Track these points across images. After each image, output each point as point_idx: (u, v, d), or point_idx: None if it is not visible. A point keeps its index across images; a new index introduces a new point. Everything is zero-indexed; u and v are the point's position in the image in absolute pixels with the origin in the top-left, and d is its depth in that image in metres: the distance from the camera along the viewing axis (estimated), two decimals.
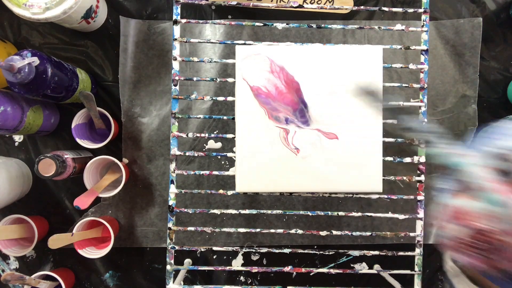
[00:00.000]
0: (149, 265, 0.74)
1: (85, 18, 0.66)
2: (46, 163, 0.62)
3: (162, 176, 0.73)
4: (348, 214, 0.60)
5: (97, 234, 0.70)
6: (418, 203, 0.60)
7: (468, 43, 0.73)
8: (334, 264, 0.74)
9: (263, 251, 0.62)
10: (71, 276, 0.73)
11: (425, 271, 0.74)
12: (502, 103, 0.74)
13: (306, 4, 0.72)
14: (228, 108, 0.73)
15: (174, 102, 0.60)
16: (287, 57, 0.57)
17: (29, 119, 0.65)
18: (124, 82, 0.72)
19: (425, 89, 0.59)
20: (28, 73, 0.56)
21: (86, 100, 0.65)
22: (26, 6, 0.59)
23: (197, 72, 0.74)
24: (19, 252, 0.68)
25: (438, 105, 0.73)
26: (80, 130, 0.70)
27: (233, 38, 0.73)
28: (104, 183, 0.68)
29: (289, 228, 0.61)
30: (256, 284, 0.74)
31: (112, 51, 0.73)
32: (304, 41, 0.73)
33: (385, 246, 0.73)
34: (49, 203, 0.74)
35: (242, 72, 0.57)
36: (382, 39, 0.73)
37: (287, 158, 0.57)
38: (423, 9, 0.60)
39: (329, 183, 0.58)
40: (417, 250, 0.59)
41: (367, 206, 0.73)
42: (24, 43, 0.73)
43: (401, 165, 0.72)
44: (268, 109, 0.57)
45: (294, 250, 0.60)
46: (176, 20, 0.59)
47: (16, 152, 0.74)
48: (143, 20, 0.73)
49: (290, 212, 0.61)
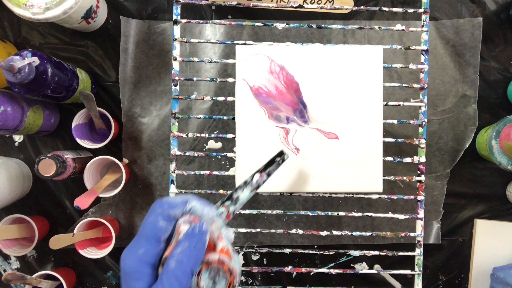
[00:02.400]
0: None
1: (85, 18, 0.66)
2: (46, 163, 0.62)
3: (162, 176, 0.73)
4: (348, 214, 0.60)
5: (98, 234, 0.70)
6: (418, 203, 0.60)
7: (468, 43, 0.73)
8: (334, 264, 0.74)
9: (264, 251, 0.62)
10: (72, 275, 0.73)
11: (425, 271, 0.74)
12: (502, 103, 0.74)
13: (306, 4, 0.72)
14: (228, 108, 0.73)
15: (174, 102, 0.60)
16: (287, 57, 0.57)
17: (29, 119, 0.65)
18: (124, 82, 0.72)
19: (425, 89, 0.59)
20: (28, 73, 0.56)
21: (86, 100, 0.65)
22: (26, 6, 0.59)
23: (197, 72, 0.74)
24: (19, 252, 0.68)
25: (438, 105, 0.73)
26: (80, 130, 0.70)
27: (233, 38, 0.73)
28: (104, 183, 0.68)
29: (289, 228, 0.61)
30: (256, 284, 0.74)
31: (112, 51, 0.73)
32: (304, 41, 0.73)
33: (385, 246, 0.73)
34: (49, 203, 0.74)
35: (242, 72, 0.57)
36: (382, 39, 0.73)
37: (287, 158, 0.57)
38: (423, 9, 0.60)
39: (329, 183, 0.58)
40: (417, 250, 0.59)
41: (367, 206, 0.73)
42: (24, 43, 0.73)
43: (401, 165, 0.73)
44: (268, 109, 0.57)
45: (294, 250, 0.60)
46: (176, 20, 0.60)
47: (16, 152, 0.74)
48: (143, 20, 0.73)
49: (290, 212, 0.61)
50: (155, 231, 0.35)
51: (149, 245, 0.35)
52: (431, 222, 0.74)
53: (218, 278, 0.35)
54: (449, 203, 0.74)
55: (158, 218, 0.35)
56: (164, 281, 0.33)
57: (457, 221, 0.75)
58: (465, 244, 0.75)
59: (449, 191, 0.74)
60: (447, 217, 0.74)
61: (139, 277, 0.34)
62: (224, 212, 0.39)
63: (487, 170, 0.75)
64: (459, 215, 0.75)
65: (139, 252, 0.35)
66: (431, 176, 0.73)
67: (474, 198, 0.75)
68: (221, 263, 0.35)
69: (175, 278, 0.33)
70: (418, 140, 0.59)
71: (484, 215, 0.75)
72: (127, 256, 0.35)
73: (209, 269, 0.35)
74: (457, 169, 0.74)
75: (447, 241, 0.75)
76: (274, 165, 0.46)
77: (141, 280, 0.34)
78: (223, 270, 0.35)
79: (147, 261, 0.34)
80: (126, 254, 0.35)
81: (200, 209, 0.37)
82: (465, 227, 0.75)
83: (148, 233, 0.35)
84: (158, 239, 0.35)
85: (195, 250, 0.34)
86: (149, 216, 0.36)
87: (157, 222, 0.35)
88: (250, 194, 0.42)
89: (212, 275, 0.35)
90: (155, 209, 0.36)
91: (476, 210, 0.75)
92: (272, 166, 0.45)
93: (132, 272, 0.34)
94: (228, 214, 0.40)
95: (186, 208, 0.37)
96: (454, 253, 0.75)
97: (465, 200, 0.75)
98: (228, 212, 0.40)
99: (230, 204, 0.40)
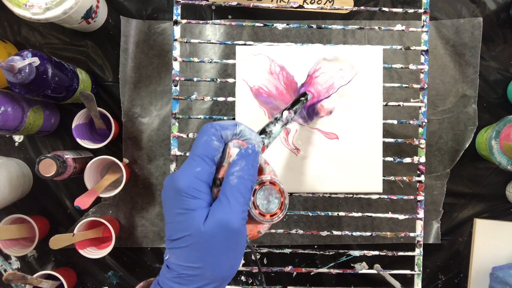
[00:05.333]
0: (150, 265, 0.75)
1: (85, 18, 0.66)
2: (47, 163, 0.62)
3: (162, 176, 0.73)
4: (348, 214, 0.60)
5: (98, 234, 0.70)
6: (418, 203, 0.60)
7: (468, 43, 0.73)
8: (334, 263, 0.74)
9: (264, 251, 0.62)
10: (73, 275, 0.73)
11: (425, 271, 0.74)
12: (502, 103, 0.74)
13: (306, 4, 0.72)
14: (229, 108, 0.73)
15: (174, 102, 0.60)
16: (287, 57, 0.57)
17: (29, 119, 0.65)
18: (125, 82, 0.72)
19: (425, 89, 0.59)
20: (29, 73, 0.56)
21: (87, 100, 0.65)
22: (26, 6, 0.59)
23: (197, 72, 0.74)
24: (20, 252, 0.68)
25: (438, 105, 0.73)
26: (81, 130, 0.70)
27: (233, 38, 0.73)
28: (105, 183, 0.68)
29: (290, 228, 0.61)
30: (256, 284, 0.74)
31: (112, 51, 0.73)
32: (304, 41, 0.73)
33: (385, 246, 0.73)
34: (49, 203, 0.74)
35: (242, 72, 0.57)
36: (382, 39, 0.73)
37: (287, 158, 0.57)
38: (423, 9, 0.60)
39: (329, 183, 0.58)
40: (417, 250, 0.60)
41: (367, 206, 0.73)
42: (24, 43, 0.73)
43: (401, 165, 0.73)
44: (268, 109, 0.57)
45: (294, 250, 0.60)
46: (176, 20, 0.59)
47: (16, 152, 0.74)
48: (143, 20, 0.73)
49: (290, 212, 0.61)
50: (210, 150, 0.35)
51: (204, 164, 0.34)
52: (431, 222, 0.74)
53: (271, 197, 0.36)
54: (449, 203, 0.74)
55: (212, 138, 0.35)
56: (229, 196, 0.33)
57: (456, 221, 0.75)
58: (464, 243, 0.75)
59: (449, 191, 0.74)
60: (446, 217, 0.74)
61: (197, 195, 0.33)
62: (260, 144, 0.40)
63: (487, 170, 0.75)
64: (459, 215, 0.75)
65: (196, 170, 0.34)
66: (431, 176, 0.73)
67: (474, 198, 0.75)
68: (273, 184, 0.37)
69: (240, 193, 0.33)
70: (418, 140, 0.59)
71: (484, 215, 0.75)
72: (183, 175, 0.34)
73: (262, 189, 0.36)
74: (457, 169, 0.74)
75: (447, 241, 0.75)
76: (299, 104, 0.49)
77: (199, 199, 0.33)
78: (275, 189, 0.37)
79: (204, 179, 0.34)
80: (181, 174, 0.34)
81: (249, 133, 0.38)
82: (465, 227, 0.75)
83: (203, 153, 0.35)
84: (212, 159, 0.35)
85: (252, 168, 0.35)
86: (202, 137, 0.36)
87: (211, 141, 0.35)
88: (281, 129, 0.44)
89: (266, 195, 0.36)
90: (208, 130, 0.36)
91: (476, 210, 0.75)
92: (298, 105, 0.49)
93: (189, 191, 0.33)
94: (263, 146, 0.41)
95: (236, 130, 0.37)
96: (454, 253, 0.75)
97: (464, 200, 0.75)
98: (264, 145, 0.41)
99: (264, 137, 0.42)
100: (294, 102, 0.49)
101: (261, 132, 0.42)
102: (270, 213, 0.36)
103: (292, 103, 0.49)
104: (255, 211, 0.35)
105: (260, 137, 0.40)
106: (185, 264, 0.33)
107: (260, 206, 0.36)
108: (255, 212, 0.35)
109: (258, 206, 0.36)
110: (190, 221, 0.33)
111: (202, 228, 0.33)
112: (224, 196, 0.33)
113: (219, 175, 0.35)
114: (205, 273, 0.33)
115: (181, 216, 0.33)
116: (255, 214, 0.35)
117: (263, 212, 0.36)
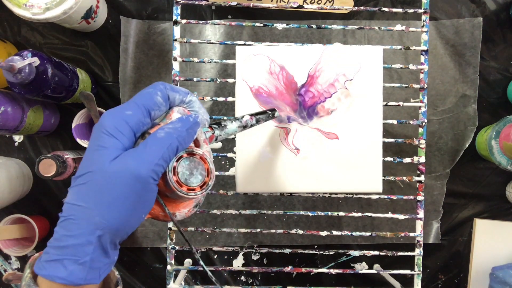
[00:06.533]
0: (149, 265, 0.75)
1: (85, 18, 0.66)
2: (47, 163, 0.62)
3: None
4: (348, 214, 0.60)
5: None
6: (418, 203, 0.60)
7: (468, 43, 0.73)
8: (334, 263, 0.74)
9: (264, 251, 0.62)
10: None
11: (425, 271, 0.74)
12: (502, 103, 0.74)
13: (306, 4, 0.72)
14: (229, 108, 0.73)
15: None
16: (287, 57, 0.57)
17: (29, 119, 0.65)
18: (125, 82, 0.72)
19: (425, 89, 0.59)
20: (29, 73, 0.56)
21: (87, 100, 0.65)
22: (26, 6, 0.59)
23: (197, 72, 0.74)
24: (20, 252, 0.68)
25: (438, 105, 0.73)
26: (81, 130, 0.70)
27: (233, 38, 0.73)
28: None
29: (289, 228, 0.61)
30: (256, 284, 0.74)
31: (112, 51, 0.73)
32: (304, 41, 0.73)
33: (385, 246, 0.73)
34: (49, 203, 0.74)
35: (242, 72, 0.57)
36: (382, 39, 0.73)
37: (287, 158, 0.57)
38: (423, 9, 0.60)
39: (329, 183, 0.58)
40: (417, 250, 0.60)
41: (367, 206, 0.73)
42: (24, 43, 0.73)
43: (401, 165, 0.73)
44: None
45: (294, 250, 0.61)
46: (176, 20, 0.59)
47: (16, 152, 0.74)
48: (143, 20, 0.73)
49: (290, 212, 0.61)
50: (150, 102, 0.33)
51: (138, 111, 0.32)
52: (430, 222, 0.74)
53: (196, 171, 0.34)
54: (449, 203, 0.74)
55: (157, 93, 0.34)
56: (148, 144, 0.31)
57: (456, 221, 0.75)
58: (464, 243, 0.75)
59: (449, 191, 0.74)
60: (446, 217, 0.74)
61: (115, 134, 0.31)
62: (209, 132, 0.39)
63: (487, 170, 0.75)
64: (459, 214, 0.75)
65: (126, 112, 0.32)
66: (431, 176, 0.73)
67: (474, 198, 0.75)
68: (203, 160, 0.35)
69: (160, 146, 0.31)
70: (418, 140, 0.59)
71: (484, 214, 0.75)
72: (111, 113, 0.32)
73: (190, 159, 0.34)
74: (457, 169, 0.74)
75: (447, 240, 0.75)
76: (265, 115, 0.47)
77: (116, 139, 0.31)
78: (203, 166, 0.34)
79: (131, 124, 0.32)
80: (110, 111, 0.32)
81: (198, 107, 0.36)
82: (465, 227, 0.75)
83: (141, 101, 0.33)
84: (148, 111, 0.33)
85: (186, 132, 0.33)
86: (147, 89, 0.34)
87: (155, 95, 0.33)
88: (236, 129, 0.43)
89: (191, 166, 0.34)
90: (157, 85, 0.34)
91: (476, 209, 0.75)
92: (263, 115, 0.46)
93: (109, 128, 0.31)
94: (212, 135, 0.39)
95: (186, 98, 0.36)
96: (454, 253, 0.75)
97: (464, 200, 0.75)
98: (213, 134, 0.39)
99: (217, 128, 0.40)
100: (261, 112, 0.47)
101: (216, 123, 0.41)
102: (189, 186, 0.33)
103: (258, 112, 0.46)
104: (172, 176, 0.33)
105: (213, 126, 0.39)
106: (75, 202, 0.30)
107: (180, 175, 0.33)
108: (172, 177, 0.33)
109: (178, 173, 0.33)
110: (97, 158, 0.30)
111: (106, 166, 0.30)
112: (143, 144, 0.31)
113: (151, 131, 0.33)
114: (94, 217, 0.30)
115: (93, 153, 0.31)
116: (171, 179, 0.32)
117: (181, 181, 0.33)
